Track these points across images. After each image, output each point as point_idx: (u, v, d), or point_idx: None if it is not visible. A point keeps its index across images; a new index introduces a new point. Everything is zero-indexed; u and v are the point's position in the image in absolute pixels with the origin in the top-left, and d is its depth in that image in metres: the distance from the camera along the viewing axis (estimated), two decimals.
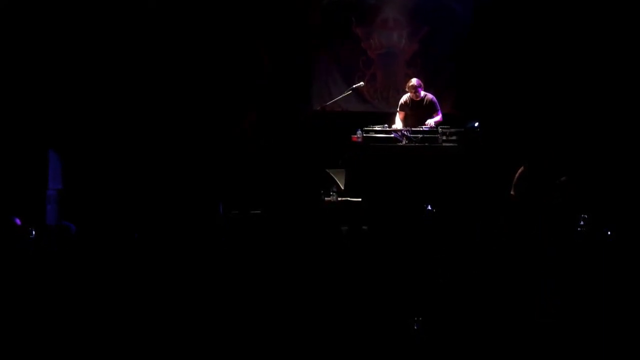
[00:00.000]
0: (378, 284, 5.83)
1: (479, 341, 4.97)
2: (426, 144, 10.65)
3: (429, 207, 9.56)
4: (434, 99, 11.18)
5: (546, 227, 7.61)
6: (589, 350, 4.90)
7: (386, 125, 10.95)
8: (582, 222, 8.49)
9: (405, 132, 10.73)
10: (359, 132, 10.72)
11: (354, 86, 11.59)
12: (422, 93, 11.12)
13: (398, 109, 11.29)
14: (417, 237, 8.76)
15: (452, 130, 10.73)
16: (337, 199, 10.78)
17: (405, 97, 11.24)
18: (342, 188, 10.95)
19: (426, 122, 10.89)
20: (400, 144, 10.69)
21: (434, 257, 5.85)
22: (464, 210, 9.99)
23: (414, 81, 11.10)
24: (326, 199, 10.86)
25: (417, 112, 11.14)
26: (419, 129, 10.77)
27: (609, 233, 8.20)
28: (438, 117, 11.07)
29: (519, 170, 10.23)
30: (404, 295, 5.52)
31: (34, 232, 7.41)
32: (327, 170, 11.29)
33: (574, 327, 5.01)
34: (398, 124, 11.10)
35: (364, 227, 9.91)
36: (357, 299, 5.64)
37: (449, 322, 5.11)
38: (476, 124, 11.06)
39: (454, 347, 4.95)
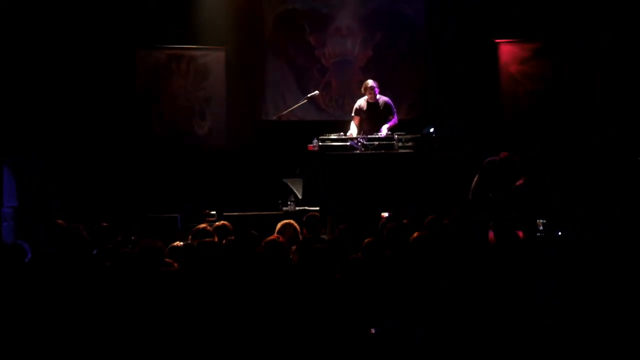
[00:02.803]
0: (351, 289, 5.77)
1: (479, 341, 4.99)
2: (382, 151, 10.70)
3: (386, 214, 9.60)
4: (389, 101, 11.19)
5: (502, 233, 7.64)
6: (589, 350, 4.94)
7: (342, 133, 10.98)
8: (540, 227, 8.58)
9: (361, 140, 10.76)
10: (315, 141, 10.75)
11: (309, 95, 11.59)
12: (378, 95, 11.17)
13: (353, 114, 11.30)
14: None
15: (408, 136, 10.78)
16: (295, 208, 10.80)
17: (360, 102, 11.25)
18: (300, 197, 10.98)
19: (380, 130, 10.92)
20: (357, 151, 10.74)
21: (433, 258, 5.84)
22: (423, 215, 10.02)
23: (370, 82, 11.10)
24: (284, 208, 10.88)
25: (372, 115, 11.16)
26: (374, 136, 10.82)
27: (559, 234, 8.33)
28: (394, 121, 11.09)
29: (476, 177, 10.33)
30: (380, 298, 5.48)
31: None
32: (285, 180, 11.31)
33: (574, 327, 5.04)
34: (353, 130, 11.10)
35: (323, 236, 9.92)
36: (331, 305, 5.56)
37: (448, 322, 5.11)
38: (431, 130, 11.13)
39: (453, 347, 4.96)
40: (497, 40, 12.63)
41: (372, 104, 11.15)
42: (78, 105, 12.16)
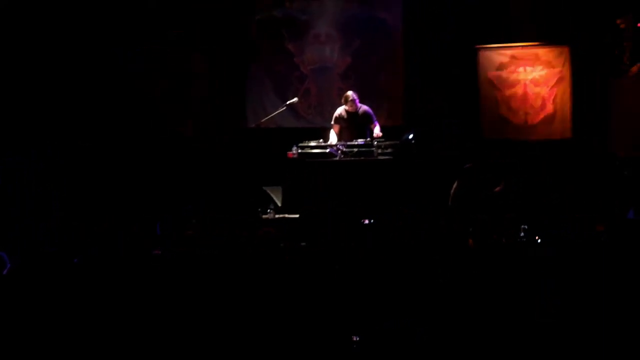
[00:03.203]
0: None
1: (479, 341, 4.97)
2: (362, 158, 10.73)
3: (367, 222, 9.58)
4: (369, 110, 11.25)
5: (482, 238, 7.65)
6: (589, 350, 4.93)
7: (321, 140, 11.01)
8: (522, 234, 8.57)
9: (340, 147, 10.79)
10: (295, 148, 10.76)
11: (288, 102, 11.60)
12: (358, 105, 11.19)
13: (333, 122, 11.32)
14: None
15: (387, 142, 10.80)
16: (274, 216, 10.75)
17: (340, 110, 11.28)
18: (280, 205, 10.95)
19: (375, 134, 10.98)
20: (336, 158, 10.75)
21: (432, 258, 5.83)
22: (403, 221, 10.01)
23: (350, 94, 11.15)
24: (264, 216, 10.83)
25: (352, 124, 11.19)
26: (354, 143, 10.83)
27: (538, 240, 8.33)
28: (378, 128, 11.13)
29: (455, 182, 10.34)
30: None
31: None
32: (264, 188, 11.27)
33: (574, 327, 5.03)
34: (333, 138, 11.14)
35: (303, 243, 9.88)
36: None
37: (448, 322, 5.09)
38: (411, 136, 11.14)
39: (453, 347, 4.94)
40: (477, 47, 12.69)
41: (352, 113, 11.20)
42: (78, 105, 12.15)
